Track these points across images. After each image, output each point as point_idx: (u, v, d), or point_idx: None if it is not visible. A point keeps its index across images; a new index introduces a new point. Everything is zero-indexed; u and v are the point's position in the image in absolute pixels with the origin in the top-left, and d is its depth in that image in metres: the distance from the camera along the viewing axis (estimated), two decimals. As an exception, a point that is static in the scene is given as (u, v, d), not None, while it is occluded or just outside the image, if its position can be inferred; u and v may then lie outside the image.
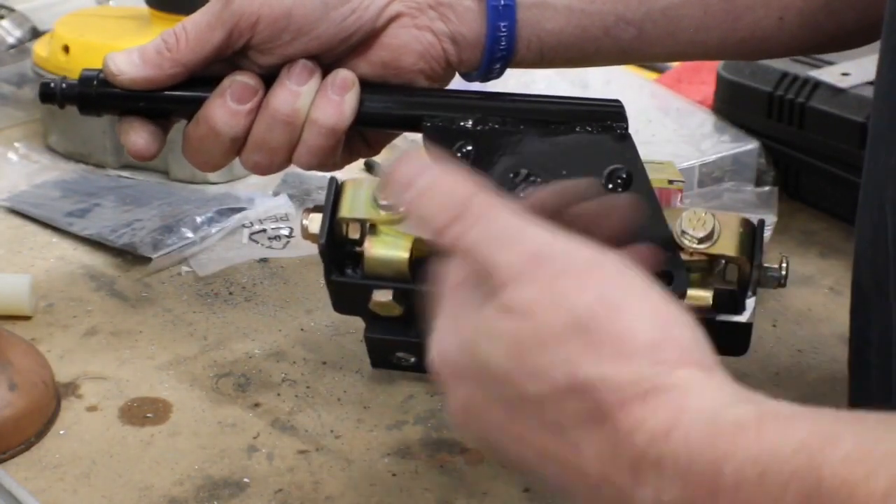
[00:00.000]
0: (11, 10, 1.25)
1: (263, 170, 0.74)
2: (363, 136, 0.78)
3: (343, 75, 0.73)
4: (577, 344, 0.49)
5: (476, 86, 0.79)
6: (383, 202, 0.70)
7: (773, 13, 0.78)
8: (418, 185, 0.53)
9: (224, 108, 0.71)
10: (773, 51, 0.82)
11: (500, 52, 0.76)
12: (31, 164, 1.10)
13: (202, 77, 0.72)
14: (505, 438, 0.52)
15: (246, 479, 0.73)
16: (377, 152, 0.80)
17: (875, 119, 0.68)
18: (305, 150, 0.73)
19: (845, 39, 0.82)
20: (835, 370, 0.85)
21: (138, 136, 0.73)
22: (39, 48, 1.10)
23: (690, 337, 0.50)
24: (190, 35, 0.71)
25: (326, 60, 0.73)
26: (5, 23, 1.23)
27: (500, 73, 0.78)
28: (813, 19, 0.79)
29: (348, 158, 0.78)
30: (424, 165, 0.54)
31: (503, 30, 0.75)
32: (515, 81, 1.13)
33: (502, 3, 0.75)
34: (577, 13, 0.76)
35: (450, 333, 0.53)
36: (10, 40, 1.22)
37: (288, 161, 0.74)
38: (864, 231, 0.69)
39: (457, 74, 0.79)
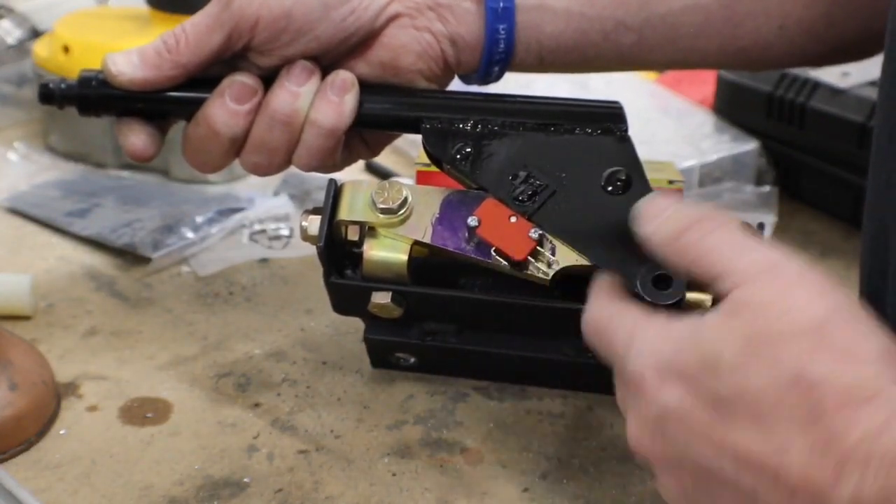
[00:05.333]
0: (11, 10, 1.25)
1: (263, 171, 0.74)
2: (363, 137, 0.78)
3: (343, 76, 0.73)
4: (810, 343, 0.51)
5: (475, 86, 0.79)
6: (382, 205, 0.70)
7: (774, 22, 0.78)
8: (661, 211, 0.58)
9: (223, 109, 0.71)
10: (773, 60, 0.82)
11: (498, 55, 0.75)
12: (31, 164, 1.10)
13: (202, 78, 0.72)
14: (701, 445, 0.53)
15: (246, 479, 0.73)
16: (376, 154, 0.80)
17: (876, 133, 0.67)
18: (305, 151, 0.73)
19: (846, 51, 0.82)
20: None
21: (137, 137, 0.73)
22: (39, 48, 1.10)
23: None
24: (189, 37, 0.71)
25: (326, 61, 0.73)
26: (5, 23, 1.23)
27: (498, 77, 0.78)
28: (813, 29, 0.78)
29: (348, 160, 0.78)
30: (669, 199, 0.59)
31: (502, 32, 0.75)
32: (515, 82, 1.13)
33: (501, 5, 0.74)
34: (576, 17, 0.76)
35: (661, 340, 0.55)
36: (10, 40, 1.22)
37: (287, 162, 0.74)
38: (866, 244, 0.69)
39: (456, 76, 0.79)
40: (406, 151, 1.11)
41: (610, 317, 0.60)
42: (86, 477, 0.72)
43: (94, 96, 0.73)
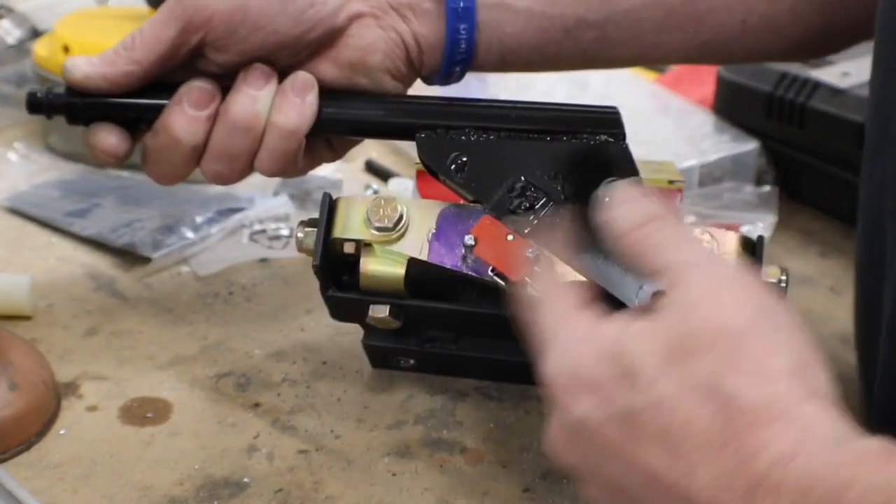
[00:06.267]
0: (11, 10, 1.25)
1: (224, 179, 0.73)
2: (327, 140, 0.77)
3: (302, 76, 0.72)
4: (724, 354, 0.50)
5: (476, 92, 0.79)
6: (377, 223, 0.70)
7: (736, 16, 0.77)
8: (621, 198, 0.56)
9: (182, 116, 0.71)
10: (736, 55, 0.82)
11: (459, 55, 0.75)
12: (31, 164, 1.10)
13: (175, 84, 0.72)
14: (611, 462, 0.51)
15: (246, 479, 0.73)
16: (340, 156, 0.79)
17: (868, 130, 0.67)
18: (267, 155, 0.72)
19: (810, 46, 0.82)
20: (835, 370, 0.85)
21: (109, 134, 0.73)
22: (39, 48, 1.10)
23: (825, 378, 0.51)
24: (144, 34, 0.70)
25: (287, 61, 0.73)
26: (5, 23, 1.23)
27: (459, 77, 0.77)
28: (777, 24, 0.78)
29: (311, 164, 0.77)
30: (633, 190, 0.57)
31: (462, 32, 0.74)
32: (515, 83, 1.13)
33: (461, 5, 0.74)
34: (537, 16, 0.76)
35: (583, 346, 0.53)
36: (10, 40, 1.22)
37: (249, 169, 0.73)
38: (862, 243, 0.69)
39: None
40: (406, 151, 1.11)
41: (544, 298, 0.57)
42: (86, 477, 0.72)
43: (82, 105, 0.72)
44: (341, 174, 1.09)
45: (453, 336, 0.75)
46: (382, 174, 1.09)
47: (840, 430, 0.49)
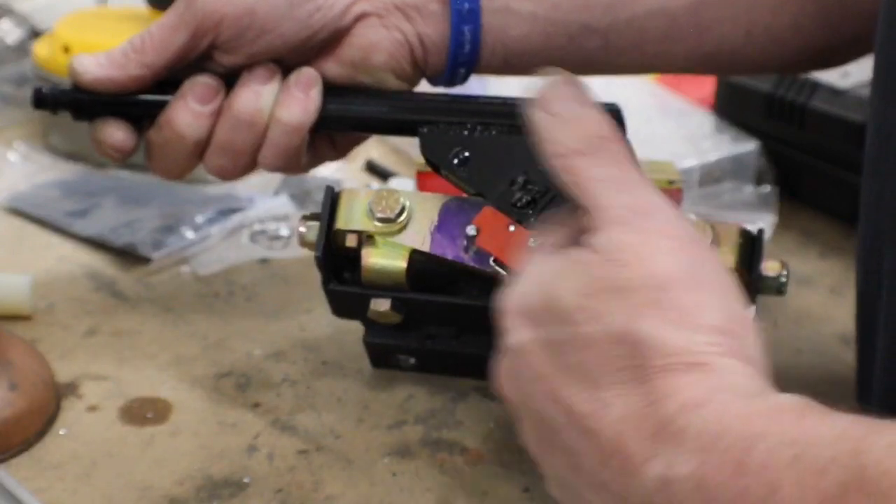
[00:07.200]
0: (11, 10, 1.25)
1: (228, 174, 0.74)
2: (330, 138, 0.77)
3: (306, 72, 0.72)
4: (647, 299, 0.49)
5: (476, 89, 0.79)
6: (379, 214, 0.70)
7: (740, 28, 0.77)
8: (562, 110, 0.54)
9: (186, 111, 0.71)
10: (740, 67, 0.81)
11: (464, 57, 0.75)
12: (31, 164, 1.10)
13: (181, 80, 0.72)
14: (538, 394, 0.51)
15: (246, 479, 0.73)
16: (343, 155, 0.79)
17: (868, 149, 0.67)
18: (270, 151, 0.72)
19: (813, 59, 0.82)
20: (835, 370, 0.85)
21: (115, 130, 0.73)
22: (39, 48, 1.10)
23: (752, 341, 0.50)
24: (155, 37, 0.71)
25: (293, 61, 0.73)
26: (5, 23, 1.24)
27: (464, 79, 0.78)
28: (780, 37, 0.78)
29: (313, 161, 0.77)
30: (576, 95, 0.55)
31: (467, 34, 0.75)
32: (516, 79, 1.13)
33: (466, 7, 0.74)
34: (541, 20, 0.76)
35: (531, 278, 0.53)
36: (10, 40, 1.22)
37: (253, 164, 0.74)
38: (860, 264, 0.69)
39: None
40: (406, 151, 1.11)
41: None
42: (86, 477, 0.72)
43: (88, 101, 0.73)
44: (342, 174, 1.09)
45: (454, 332, 0.75)
46: (383, 174, 1.09)
47: (756, 385, 0.48)
